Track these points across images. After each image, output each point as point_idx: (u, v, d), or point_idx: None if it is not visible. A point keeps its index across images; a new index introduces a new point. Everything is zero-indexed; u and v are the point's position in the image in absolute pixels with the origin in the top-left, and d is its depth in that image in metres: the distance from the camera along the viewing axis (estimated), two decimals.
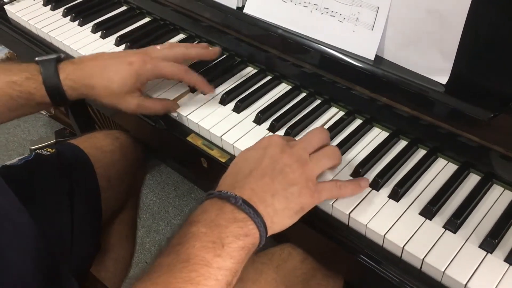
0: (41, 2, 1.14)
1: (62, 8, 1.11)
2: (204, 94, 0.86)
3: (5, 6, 1.14)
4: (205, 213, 0.57)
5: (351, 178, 0.70)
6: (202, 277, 0.52)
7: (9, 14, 1.14)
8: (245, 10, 0.86)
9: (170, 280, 0.51)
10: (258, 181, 0.60)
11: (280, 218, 0.60)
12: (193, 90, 0.87)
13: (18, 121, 2.07)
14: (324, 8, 0.76)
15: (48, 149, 0.96)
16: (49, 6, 1.12)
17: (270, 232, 0.59)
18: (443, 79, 0.67)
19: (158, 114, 0.83)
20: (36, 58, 0.80)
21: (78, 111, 1.46)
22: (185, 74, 0.82)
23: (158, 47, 0.84)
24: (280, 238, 0.78)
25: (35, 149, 1.74)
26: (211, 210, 0.57)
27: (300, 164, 0.62)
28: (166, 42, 0.90)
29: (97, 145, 1.01)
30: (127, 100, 0.79)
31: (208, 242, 0.54)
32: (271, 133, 0.78)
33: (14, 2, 1.15)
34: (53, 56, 0.80)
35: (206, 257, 0.53)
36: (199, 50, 0.85)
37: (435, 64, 0.67)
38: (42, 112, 1.95)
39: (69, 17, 1.09)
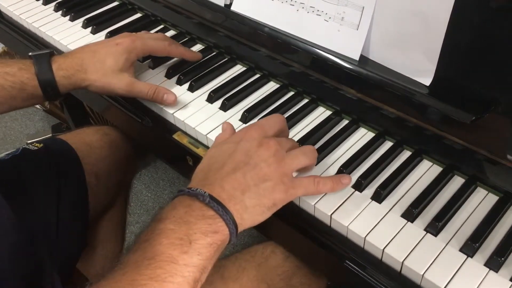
0: None
1: (54, 3, 1.10)
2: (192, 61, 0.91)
3: None
4: (174, 210, 0.57)
5: None
6: (168, 274, 0.52)
7: (1, 9, 1.14)
8: (233, 8, 0.85)
9: (135, 277, 0.51)
10: (229, 177, 0.60)
11: (251, 215, 0.60)
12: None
13: (16, 115, 2.07)
14: (310, 7, 0.75)
15: (36, 144, 0.96)
16: (41, 1, 1.12)
17: (240, 229, 0.59)
18: (427, 81, 0.67)
19: (149, 98, 0.83)
20: (30, 53, 0.82)
21: (72, 106, 1.47)
22: (172, 47, 0.88)
23: (143, 32, 0.90)
24: (263, 236, 0.79)
25: (32, 142, 1.74)
26: (180, 207, 0.57)
27: (276, 158, 0.62)
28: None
29: (85, 140, 1.01)
30: (119, 77, 0.82)
31: (175, 238, 0.54)
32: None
33: None
34: (47, 51, 0.82)
35: (173, 254, 0.53)
36: (180, 48, 0.90)
37: (419, 65, 0.67)
38: (38, 106, 1.95)
39: (60, 12, 1.08)
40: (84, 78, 0.81)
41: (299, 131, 0.78)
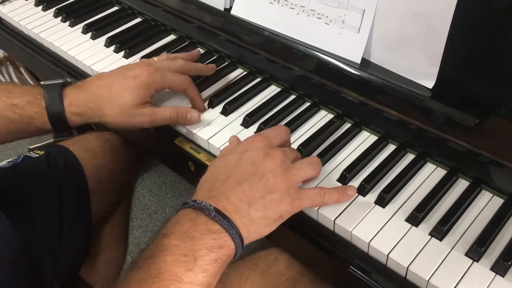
0: (33, 3, 1.14)
1: (54, 9, 1.10)
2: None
3: None
4: (178, 224, 0.56)
5: (338, 183, 0.69)
6: None
7: (0, 15, 1.13)
8: (233, 12, 0.85)
9: None
10: (235, 189, 0.59)
11: (257, 227, 0.58)
12: None
13: None
14: (311, 10, 0.75)
15: (38, 151, 0.95)
16: (40, 7, 1.12)
17: (246, 242, 0.58)
18: (430, 84, 0.66)
19: (173, 122, 0.78)
20: (41, 82, 0.77)
21: None
22: (190, 85, 0.80)
23: (156, 59, 0.83)
24: (266, 243, 0.78)
25: (33, 149, 1.74)
26: (184, 222, 0.56)
27: (283, 169, 0.61)
28: (162, 54, 0.88)
29: (87, 147, 1.00)
30: (140, 112, 0.76)
31: (179, 255, 0.53)
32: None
33: (6, 2, 1.14)
34: (59, 81, 0.78)
35: (177, 271, 0.52)
36: (197, 66, 0.85)
37: (421, 68, 0.66)
38: None
39: (60, 18, 1.08)
40: (99, 115, 0.76)
41: (301, 135, 0.77)
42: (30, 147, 1.85)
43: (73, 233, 0.90)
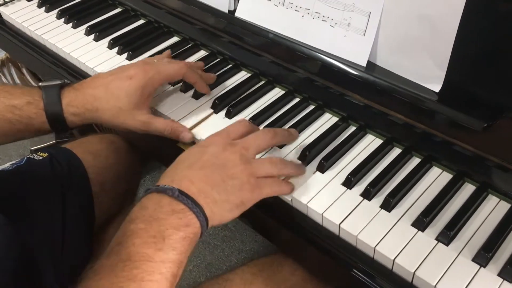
0: (36, 4, 1.13)
1: (57, 10, 1.10)
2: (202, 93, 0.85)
3: None
4: (143, 209, 0.57)
5: (343, 188, 0.69)
6: (145, 273, 0.51)
7: (3, 16, 1.13)
8: (237, 14, 0.85)
9: (112, 280, 0.50)
10: (197, 173, 0.60)
11: (220, 210, 0.60)
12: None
13: None
14: (316, 12, 0.74)
15: (41, 154, 0.95)
16: (43, 8, 1.11)
17: (211, 223, 0.59)
18: (436, 87, 0.66)
19: (165, 135, 0.78)
20: (40, 83, 0.78)
21: None
22: (188, 70, 0.80)
23: (155, 59, 0.83)
24: (267, 241, 0.77)
25: (35, 150, 1.73)
26: (149, 205, 0.57)
27: (242, 161, 0.63)
28: (164, 53, 0.89)
29: (90, 149, 1.00)
30: (135, 116, 0.76)
31: (148, 237, 0.53)
32: None
33: (8, 3, 1.14)
34: (57, 82, 0.78)
35: (148, 252, 0.52)
36: (197, 76, 0.83)
37: (428, 71, 0.66)
38: None
39: (63, 19, 1.07)
40: (97, 116, 0.77)
41: (305, 138, 0.77)
42: (32, 148, 1.85)
43: (76, 236, 0.89)
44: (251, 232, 1.58)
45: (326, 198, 0.67)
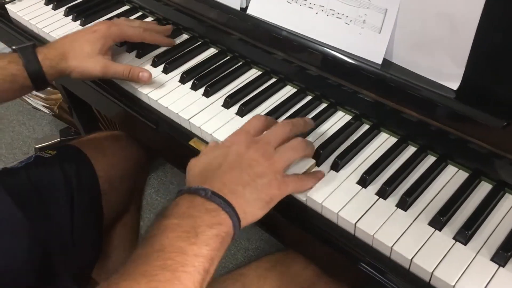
0: (43, 1, 1.12)
1: (64, 8, 1.09)
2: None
3: (6, 5, 1.12)
4: (176, 207, 0.58)
5: (358, 186, 0.68)
6: (179, 264, 0.52)
7: (10, 14, 1.12)
8: (249, 11, 0.84)
9: (146, 268, 0.51)
10: (228, 174, 0.61)
11: (252, 209, 0.60)
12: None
13: (23, 119, 2.06)
14: (330, 9, 0.73)
15: (49, 151, 0.95)
16: (50, 6, 1.10)
17: (243, 223, 0.59)
18: (454, 85, 0.65)
19: (125, 78, 0.86)
20: (13, 47, 0.85)
21: (81, 111, 1.45)
22: (146, 34, 0.92)
23: (122, 19, 0.95)
24: (274, 239, 0.77)
25: (40, 148, 1.73)
26: (182, 204, 0.58)
27: (266, 158, 0.63)
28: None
29: (98, 146, 1.00)
30: (95, 61, 0.85)
31: (181, 232, 0.54)
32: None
33: (15, 1, 1.13)
34: (30, 43, 0.85)
35: (181, 245, 0.53)
36: (155, 37, 0.94)
37: (446, 69, 0.65)
38: (46, 111, 1.93)
39: (70, 17, 1.07)
40: (66, 66, 0.84)
41: (318, 136, 0.76)
42: (36, 146, 1.85)
43: (85, 233, 0.89)
44: (257, 230, 1.57)
45: (341, 197, 0.67)
